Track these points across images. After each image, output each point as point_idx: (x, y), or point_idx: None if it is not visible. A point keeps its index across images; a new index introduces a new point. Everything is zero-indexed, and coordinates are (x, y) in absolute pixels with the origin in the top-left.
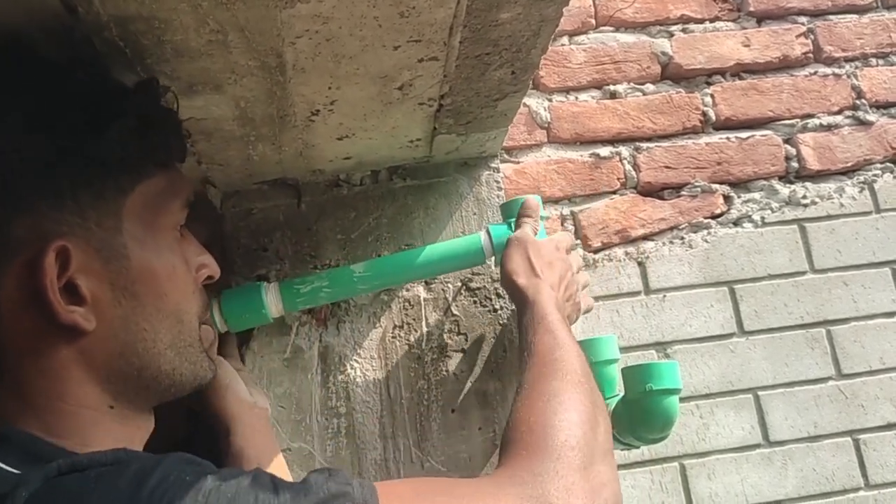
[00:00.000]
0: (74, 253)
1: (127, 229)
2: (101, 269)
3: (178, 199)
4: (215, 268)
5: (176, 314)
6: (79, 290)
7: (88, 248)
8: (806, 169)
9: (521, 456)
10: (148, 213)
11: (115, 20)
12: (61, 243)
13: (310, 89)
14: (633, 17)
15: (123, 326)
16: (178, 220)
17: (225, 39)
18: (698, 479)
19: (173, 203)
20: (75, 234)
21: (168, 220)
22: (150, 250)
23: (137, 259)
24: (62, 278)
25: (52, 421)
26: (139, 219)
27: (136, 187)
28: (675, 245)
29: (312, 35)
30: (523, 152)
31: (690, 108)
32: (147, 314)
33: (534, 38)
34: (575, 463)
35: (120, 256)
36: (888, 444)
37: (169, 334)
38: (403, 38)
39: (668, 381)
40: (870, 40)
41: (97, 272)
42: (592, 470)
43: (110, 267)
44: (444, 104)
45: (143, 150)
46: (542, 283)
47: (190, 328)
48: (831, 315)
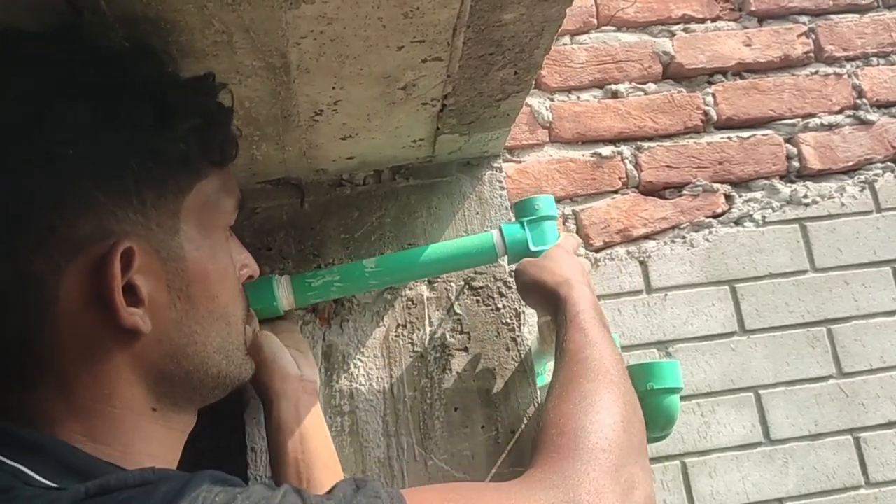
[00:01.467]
0: (138, 254)
1: (184, 230)
2: (160, 270)
3: (232, 198)
4: (255, 267)
5: (224, 317)
6: (138, 291)
7: (149, 248)
8: (807, 168)
9: (552, 459)
10: (204, 213)
11: (121, 21)
12: (128, 244)
13: (314, 89)
14: (634, 17)
15: (177, 329)
16: (229, 221)
17: (230, 40)
18: (699, 478)
19: (227, 203)
20: (138, 233)
21: (221, 221)
22: (204, 251)
23: (193, 261)
24: (124, 279)
25: (96, 425)
26: (196, 219)
27: (194, 186)
28: (677, 244)
29: (317, 36)
30: (525, 152)
31: (692, 107)
32: (199, 317)
33: (537, 38)
34: (606, 465)
35: (177, 258)
36: (889, 443)
37: (218, 337)
38: (407, 38)
39: (670, 380)
40: (871, 40)
41: (156, 273)
42: (624, 472)
43: (168, 268)
44: (447, 104)
45: (203, 148)
46: (571, 280)
47: (237, 331)
48: (832, 314)
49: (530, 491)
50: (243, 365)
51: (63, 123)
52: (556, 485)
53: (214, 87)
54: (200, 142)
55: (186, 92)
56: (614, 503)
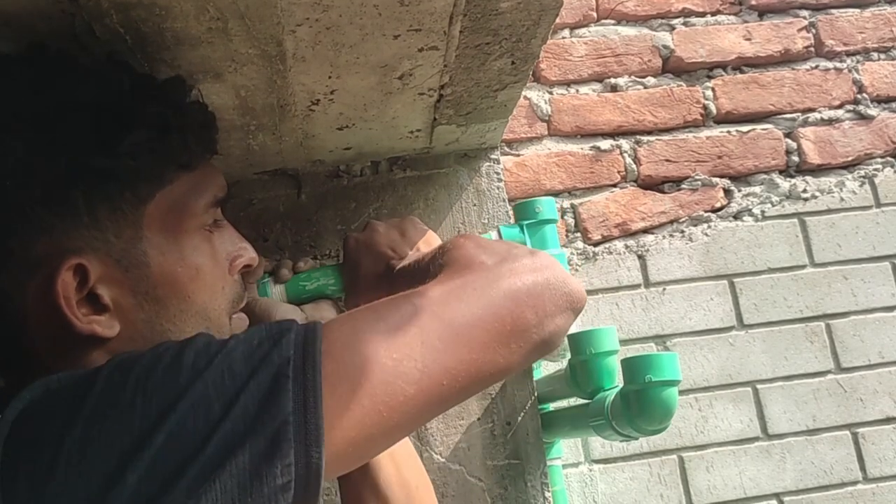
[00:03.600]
0: (92, 266)
1: (147, 237)
2: (122, 277)
3: (203, 199)
4: (251, 255)
5: (202, 313)
6: (101, 299)
7: (108, 259)
8: (806, 163)
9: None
10: (171, 217)
11: (116, 7)
12: (75, 261)
13: (310, 78)
14: (634, 10)
15: (149, 328)
16: (203, 221)
17: (225, 27)
18: (697, 472)
19: (196, 204)
20: (94, 247)
21: (192, 223)
22: (171, 255)
23: (158, 265)
24: (83, 290)
25: None
26: (161, 224)
27: (154, 195)
28: (675, 238)
29: (312, 23)
30: (524, 145)
31: (691, 101)
32: (171, 316)
33: (534, 27)
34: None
35: (140, 264)
36: (886, 438)
37: (194, 332)
38: (403, 26)
39: (668, 372)
40: (871, 34)
41: (118, 281)
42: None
43: (130, 275)
44: (444, 94)
45: (160, 157)
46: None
47: (218, 324)
48: (831, 309)
49: (447, 280)
50: None
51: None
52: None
53: (176, 91)
54: (155, 152)
55: (136, 105)
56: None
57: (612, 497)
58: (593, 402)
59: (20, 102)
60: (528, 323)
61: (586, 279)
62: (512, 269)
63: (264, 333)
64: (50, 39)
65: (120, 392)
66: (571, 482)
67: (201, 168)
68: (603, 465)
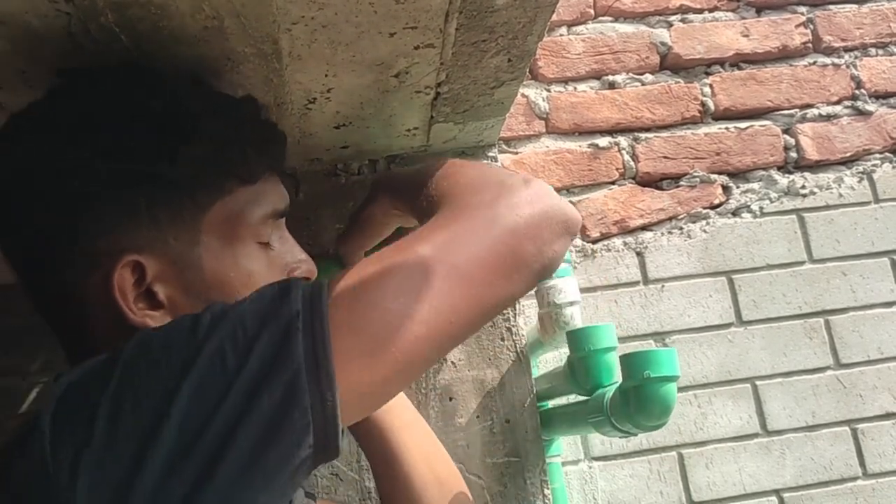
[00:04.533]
0: (149, 264)
1: (204, 242)
2: (178, 277)
3: (260, 211)
4: (309, 268)
5: None
6: (157, 296)
7: (166, 259)
8: (805, 159)
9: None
10: (228, 225)
11: (111, 6)
12: (133, 258)
13: (306, 77)
14: (631, 7)
15: None
16: (259, 232)
17: (221, 25)
18: (696, 469)
19: (253, 215)
20: (152, 247)
21: (248, 232)
22: (225, 260)
23: (211, 269)
24: (141, 286)
25: None
26: (218, 231)
27: (214, 203)
28: (674, 235)
29: (308, 21)
30: (522, 143)
31: (689, 98)
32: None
33: (530, 24)
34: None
35: (195, 267)
36: (886, 434)
37: None
38: (399, 24)
39: (667, 368)
40: (869, 30)
41: (174, 280)
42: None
43: (185, 276)
44: (440, 92)
45: (219, 169)
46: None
47: None
48: (830, 305)
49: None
50: None
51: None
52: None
53: (243, 108)
54: (214, 164)
55: (200, 119)
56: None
57: (612, 494)
58: (592, 399)
59: (93, 110)
60: (528, 254)
61: (585, 276)
62: (509, 205)
63: (275, 290)
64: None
65: (146, 355)
66: (571, 479)
67: (262, 181)
68: (602, 462)
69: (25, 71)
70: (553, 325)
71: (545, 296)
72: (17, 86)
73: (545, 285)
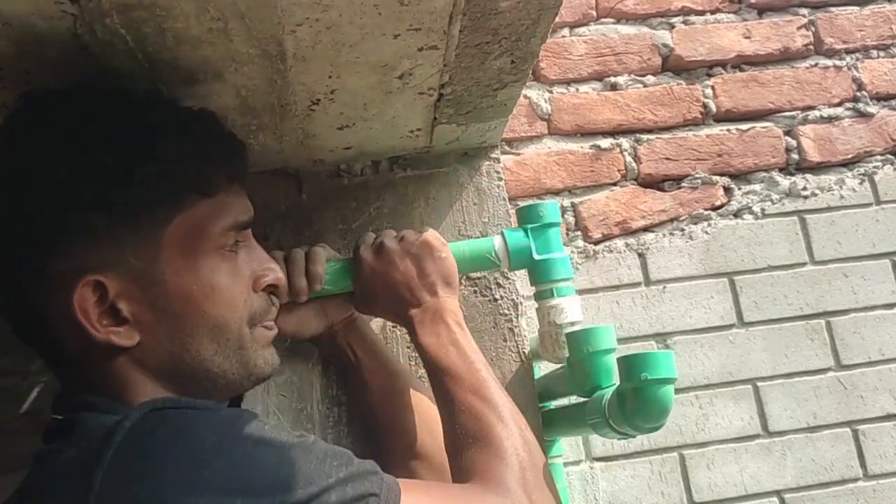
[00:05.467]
0: (111, 283)
1: (165, 257)
2: (141, 293)
3: (221, 223)
4: (276, 276)
5: (219, 326)
6: (121, 312)
7: (128, 276)
8: (806, 161)
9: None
10: (189, 239)
11: (117, 8)
12: (93, 278)
13: (310, 78)
14: (633, 9)
15: (168, 339)
16: (221, 243)
17: (225, 27)
18: (697, 470)
19: (215, 228)
20: (114, 265)
21: (209, 245)
22: (188, 275)
23: (174, 284)
24: (104, 303)
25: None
26: (180, 245)
27: (174, 219)
28: (676, 236)
29: (312, 23)
30: (524, 144)
31: (691, 99)
32: (188, 329)
33: (533, 26)
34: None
35: (157, 282)
36: (887, 435)
37: (213, 343)
38: (403, 26)
39: (664, 370)
40: (871, 32)
41: (137, 296)
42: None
43: (149, 292)
44: (444, 93)
45: (176, 185)
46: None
47: (237, 335)
48: (831, 306)
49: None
50: (254, 361)
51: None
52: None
53: (200, 124)
54: (171, 181)
55: (156, 137)
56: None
57: (614, 495)
58: (591, 401)
59: (49, 134)
60: None
61: (587, 277)
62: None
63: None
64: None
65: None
66: (573, 480)
67: (223, 194)
68: (604, 462)
69: (30, 72)
70: (553, 345)
71: (546, 314)
72: (22, 87)
73: (547, 304)
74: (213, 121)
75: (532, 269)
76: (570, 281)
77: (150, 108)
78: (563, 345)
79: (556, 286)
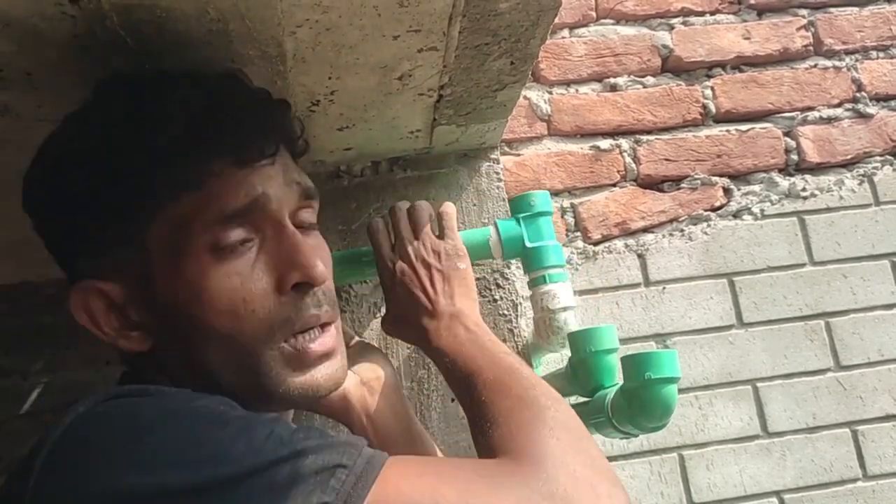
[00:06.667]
0: (113, 290)
1: (154, 260)
2: (140, 298)
3: (205, 216)
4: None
5: (224, 337)
6: (130, 316)
7: (129, 282)
8: (806, 161)
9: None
10: (173, 238)
11: (117, 9)
12: (98, 286)
13: (310, 79)
14: (633, 10)
15: (175, 345)
16: (211, 241)
17: (226, 28)
18: (697, 470)
19: (195, 224)
20: (113, 273)
21: (194, 242)
22: (173, 277)
23: (162, 289)
24: (116, 309)
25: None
26: (165, 246)
27: (155, 217)
28: (675, 237)
29: (312, 24)
30: (524, 145)
31: (690, 100)
32: (187, 336)
33: (532, 27)
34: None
35: (149, 286)
36: (886, 436)
37: (218, 356)
38: (403, 27)
39: (668, 369)
40: (870, 33)
41: (139, 301)
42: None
43: (145, 295)
44: (443, 94)
45: (152, 181)
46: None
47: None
48: (830, 307)
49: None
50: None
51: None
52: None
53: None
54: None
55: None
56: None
57: None
58: (593, 400)
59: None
60: None
61: (586, 278)
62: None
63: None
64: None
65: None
66: None
67: (216, 181)
68: None
69: (31, 73)
70: (546, 330)
71: (539, 300)
72: (23, 87)
73: (540, 290)
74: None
75: (525, 257)
76: (563, 268)
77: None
78: (556, 330)
79: (549, 272)
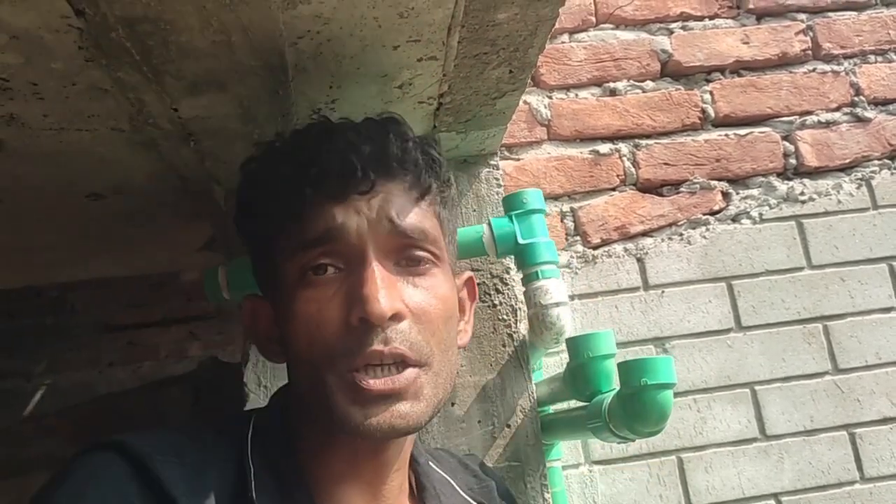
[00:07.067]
0: (261, 305)
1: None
2: (277, 318)
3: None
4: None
5: (307, 362)
6: (276, 332)
7: (274, 303)
8: (804, 165)
9: None
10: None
11: (122, 21)
12: (261, 301)
13: (311, 89)
14: (633, 15)
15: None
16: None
17: (229, 40)
18: (695, 473)
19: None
20: (263, 290)
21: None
22: (280, 301)
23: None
24: (270, 322)
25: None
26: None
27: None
28: (674, 241)
29: (314, 36)
30: (524, 149)
31: (689, 105)
32: (290, 358)
33: (531, 37)
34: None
35: (277, 308)
36: (884, 438)
37: (305, 381)
38: (403, 37)
39: (663, 375)
40: (868, 37)
41: (278, 320)
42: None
43: (277, 316)
44: (443, 103)
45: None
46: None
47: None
48: (828, 310)
49: None
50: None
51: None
52: None
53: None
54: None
55: (272, 170)
56: None
57: (612, 498)
58: (591, 405)
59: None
60: None
61: (586, 282)
62: None
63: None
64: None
65: None
66: (571, 483)
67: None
68: (603, 466)
69: (37, 83)
70: (540, 326)
71: (532, 296)
72: (30, 98)
73: (533, 286)
74: (348, 137)
75: (518, 253)
76: (555, 264)
77: (301, 143)
78: (549, 325)
79: (541, 269)
